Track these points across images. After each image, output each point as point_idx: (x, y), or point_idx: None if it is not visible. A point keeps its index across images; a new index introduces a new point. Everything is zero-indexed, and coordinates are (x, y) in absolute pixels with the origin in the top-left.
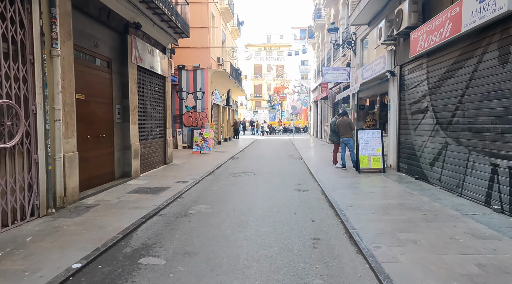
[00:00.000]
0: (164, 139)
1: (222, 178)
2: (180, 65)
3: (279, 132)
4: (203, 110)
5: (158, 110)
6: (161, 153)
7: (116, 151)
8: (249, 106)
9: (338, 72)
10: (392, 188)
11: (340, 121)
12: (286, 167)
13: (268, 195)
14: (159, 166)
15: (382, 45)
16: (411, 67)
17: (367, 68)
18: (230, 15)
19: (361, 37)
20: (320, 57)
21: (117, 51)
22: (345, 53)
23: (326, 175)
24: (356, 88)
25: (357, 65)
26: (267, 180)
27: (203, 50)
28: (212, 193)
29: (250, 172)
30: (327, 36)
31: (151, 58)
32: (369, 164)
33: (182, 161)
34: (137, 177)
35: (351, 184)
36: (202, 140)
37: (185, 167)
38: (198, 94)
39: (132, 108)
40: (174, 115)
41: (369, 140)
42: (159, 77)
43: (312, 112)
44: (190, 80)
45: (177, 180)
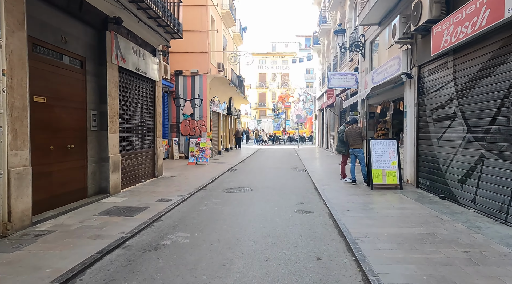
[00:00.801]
0: (154, 149)
1: (214, 194)
2: (177, 71)
3: (283, 142)
4: (201, 119)
5: (146, 118)
6: (150, 165)
7: (90, 163)
8: (253, 115)
9: (345, 78)
10: (414, 210)
11: (349, 130)
12: (288, 181)
13: (264, 218)
14: (147, 179)
15: (396, 45)
16: (432, 68)
17: (378, 72)
18: (231, 20)
19: (371, 39)
20: (325, 64)
21: (94, 49)
22: (353, 58)
23: (333, 192)
24: (365, 93)
25: (366, 69)
26: (266, 197)
27: (201, 55)
28: (197, 214)
29: (247, 187)
30: (333, 40)
31: (138, 60)
32: (383, 178)
33: (174, 173)
34: (116, 193)
35: (364, 204)
36: (198, 150)
37: (176, 180)
38: (196, 101)
39: (111, 114)
40: (170, 123)
41: (383, 151)
42: (147, 81)
43: (318, 121)
44: (188, 86)
45: (161, 197)
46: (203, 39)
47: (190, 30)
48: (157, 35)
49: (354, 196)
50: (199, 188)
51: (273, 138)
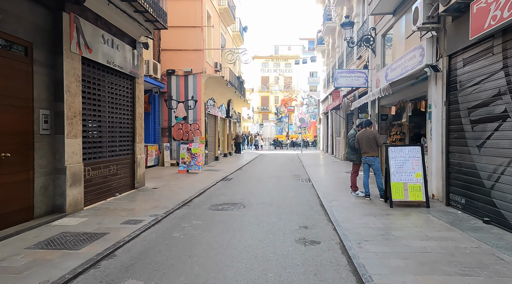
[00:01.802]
0: (133, 157)
1: (198, 213)
2: (169, 70)
3: (286, 147)
4: (195, 122)
5: (123, 120)
6: (127, 175)
7: (38, 176)
8: (256, 119)
9: (353, 76)
10: (457, 242)
11: (361, 134)
12: (289, 194)
13: (253, 253)
14: (123, 192)
15: (416, 34)
16: (470, 56)
17: (393, 67)
18: (230, 18)
19: (383, 32)
20: (330, 64)
21: (45, 34)
22: (361, 55)
23: (344, 210)
24: (378, 92)
25: (377, 66)
26: (260, 218)
27: (196, 53)
28: (166, 246)
29: (239, 203)
30: (338, 39)
31: (111, 51)
32: (405, 194)
33: (159, 184)
34: (76, 212)
35: (385, 230)
36: (190, 157)
37: (158, 193)
38: (190, 103)
39: (70, 115)
40: (161, 127)
41: (404, 161)
42: (125, 77)
43: (322, 125)
44: (181, 87)
45: (131, 217)
46: (197, 35)
47: (183, 26)
48: (136, 24)
49: (370, 217)
50: (182, 203)
51: (275, 143)
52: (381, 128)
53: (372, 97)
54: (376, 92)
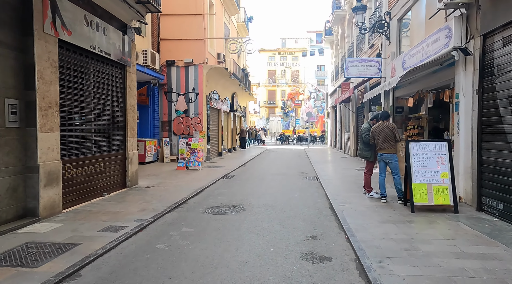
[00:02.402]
0: (124, 153)
1: (190, 217)
2: (169, 61)
3: (293, 142)
4: (196, 116)
5: (111, 112)
6: (117, 173)
7: (4, 175)
8: (262, 114)
9: (365, 65)
10: (506, 262)
11: (377, 128)
12: (295, 194)
13: (249, 274)
14: (112, 192)
15: (440, 15)
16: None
17: (412, 53)
18: (235, 7)
19: (398, 17)
20: (339, 56)
21: (12, 11)
22: (373, 43)
23: (357, 215)
24: (394, 81)
25: (392, 54)
26: (260, 224)
27: (196, 42)
28: (145, 262)
29: (239, 205)
30: (348, 28)
31: (97, 36)
32: (428, 197)
33: (153, 182)
34: (53, 216)
35: (409, 242)
36: (189, 152)
37: (150, 193)
38: (191, 95)
39: (44, 106)
40: (161, 121)
41: (428, 158)
42: (113, 65)
43: (330, 119)
44: (181, 78)
45: (113, 222)
46: (198, 24)
47: (183, 14)
48: (126, 6)
49: (389, 224)
50: (174, 205)
51: (282, 138)
52: (396, 122)
53: (389, 86)
54: (393, 80)
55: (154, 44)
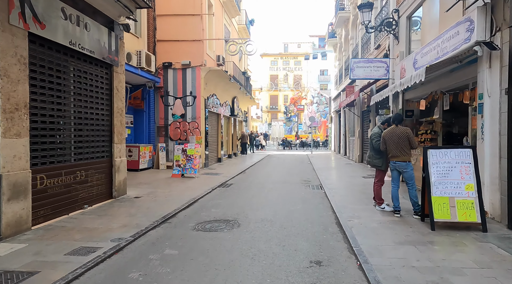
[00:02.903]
0: (110, 160)
1: (177, 235)
2: (165, 63)
3: (295, 147)
4: (194, 120)
5: (95, 116)
6: (102, 182)
7: None
8: (264, 119)
9: (372, 66)
10: None
11: (389, 133)
12: (297, 206)
13: None
14: (95, 203)
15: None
16: None
17: (425, 52)
18: (235, 9)
19: (408, 14)
20: (343, 59)
21: None
22: (380, 44)
23: (370, 234)
24: (408, 81)
25: (401, 54)
26: (256, 245)
27: (194, 43)
28: None
29: (234, 220)
30: (352, 30)
31: (77, 31)
32: (451, 212)
33: (143, 191)
34: (18, 234)
35: (437, 273)
36: (185, 159)
37: (137, 204)
38: (188, 99)
39: (8, 108)
40: (157, 125)
41: (449, 167)
42: (98, 64)
43: (333, 123)
44: (179, 81)
45: (85, 242)
46: (196, 24)
47: (180, 14)
48: (112, 0)
49: (408, 246)
50: (161, 219)
51: (284, 144)
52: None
53: (400, 87)
54: (405, 81)
55: (150, 45)
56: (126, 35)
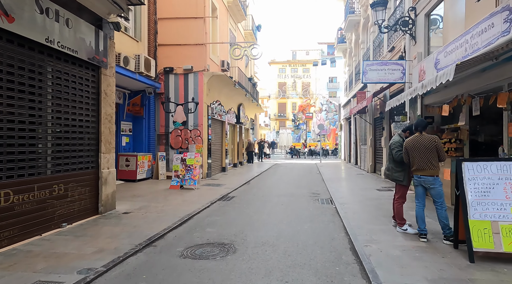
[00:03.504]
0: (96, 172)
1: (158, 265)
2: (166, 68)
3: (304, 156)
4: (196, 127)
5: (78, 123)
6: (86, 197)
7: None
8: (272, 127)
9: (387, 69)
10: None
11: (413, 142)
12: (305, 226)
13: None
14: (76, 221)
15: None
16: None
17: (450, 50)
18: (241, 14)
19: (427, 11)
20: (353, 64)
21: None
22: (394, 46)
23: (393, 266)
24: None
25: (419, 55)
26: (253, 281)
27: (197, 47)
28: None
29: (229, 244)
30: (363, 34)
31: (56, 28)
32: (494, 240)
33: (135, 206)
34: None
35: None
36: (184, 169)
37: (124, 221)
38: (190, 105)
39: None
40: (158, 133)
41: (491, 185)
42: (82, 65)
43: (343, 131)
44: (180, 87)
45: (46, 274)
46: (198, 28)
47: (182, 17)
48: None
49: None
50: (146, 242)
51: (292, 152)
52: None
53: (422, 90)
54: (429, 82)
55: (150, 50)
56: (124, 39)
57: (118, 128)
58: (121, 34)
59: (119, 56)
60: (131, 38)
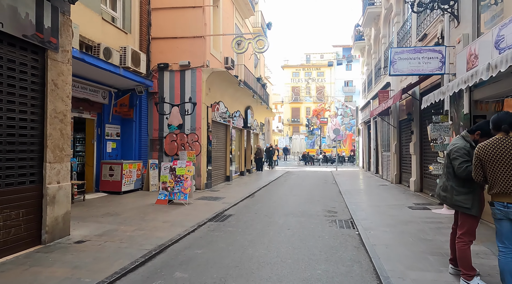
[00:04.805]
0: (39, 187)
1: None
2: (160, 64)
3: (318, 162)
4: (193, 131)
5: (7, 122)
6: (22, 222)
7: None
8: (286, 132)
9: (421, 57)
10: None
11: (491, 149)
12: (317, 268)
13: None
14: (2, 256)
15: None
16: None
17: None
18: (249, 8)
19: None
20: (372, 63)
21: None
22: (426, 33)
23: None
24: (501, 64)
25: (465, 37)
26: None
27: (195, 41)
28: None
29: None
30: (384, 27)
31: None
32: None
33: (98, 230)
34: None
35: None
36: (173, 180)
37: (67, 258)
38: (187, 106)
39: None
40: (151, 138)
41: None
42: (15, 44)
43: (361, 136)
44: (176, 86)
45: None
46: (197, 18)
47: (179, 7)
48: None
49: None
50: None
51: (306, 159)
52: None
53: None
54: (496, 63)
55: (142, 44)
56: (108, 29)
57: (102, 132)
58: (104, 24)
59: (98, 47)
60: (118, 29)
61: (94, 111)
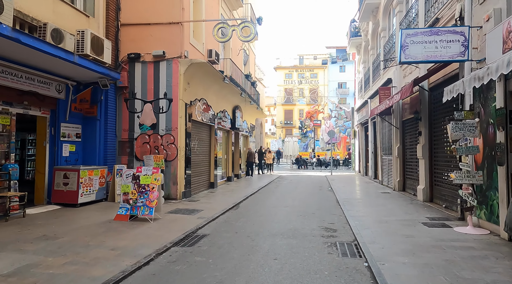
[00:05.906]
0: None
1: None
2: (131, 54)
3: (311, 166)
4: (168, 132)
5: None
6: None
7: None
8: (278, 135)
9: (439, 41)
10: None
11: None
12: None
13: None
14: None
15: None
16: None
17: None
18: None
19: None
20: (369, 60)
21: None
22: (438, 17)
23: None
24: None
25: (496, 13)
26: None
27: (171, 28)
28: None
29: None
30: (384, 19)
31: None
32: None
33: (13, 265)
34: None
35: None
36: (137, 191)
37: None
38: (162, 103)
39: None
40: (119, 140)
41: None
42: None
43: (358, 138)
44: (149, 79)
45: None
46: (173, 1)
47: None
48: None
49: None
50: None
51: (299, 163)
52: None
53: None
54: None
55: (110, 30)
56: (61, 9)
57: (57, 132)
58: (56, 2)
59: (44, 28)
60: (76, 10)
61: (45, 107)
